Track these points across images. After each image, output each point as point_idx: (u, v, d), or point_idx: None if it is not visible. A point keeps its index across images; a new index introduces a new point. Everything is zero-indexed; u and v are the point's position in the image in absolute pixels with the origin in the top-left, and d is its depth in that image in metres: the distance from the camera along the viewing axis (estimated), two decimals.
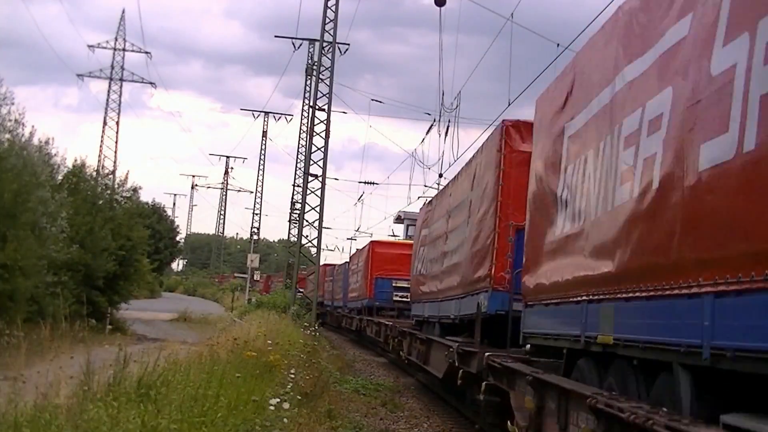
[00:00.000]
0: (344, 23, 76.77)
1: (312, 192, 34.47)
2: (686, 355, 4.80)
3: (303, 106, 53.33)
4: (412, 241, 30.04)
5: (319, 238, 34.14)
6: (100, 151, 72.01)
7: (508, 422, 8.50)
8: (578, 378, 7.16)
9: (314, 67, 41.07)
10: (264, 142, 75.09)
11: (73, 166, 26.23)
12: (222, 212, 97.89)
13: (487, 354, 9.75)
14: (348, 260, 41.50)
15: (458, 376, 11.58)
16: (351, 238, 65.54)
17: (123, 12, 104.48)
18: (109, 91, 75.26)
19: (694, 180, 4.79)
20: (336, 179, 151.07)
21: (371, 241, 31.99)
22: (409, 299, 27.66)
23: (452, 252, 15.33)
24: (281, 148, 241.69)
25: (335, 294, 44.19)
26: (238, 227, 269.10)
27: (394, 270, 28.75)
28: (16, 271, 17.21)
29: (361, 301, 32.14)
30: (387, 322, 23.81)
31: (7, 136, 18.91)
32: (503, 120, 12.30)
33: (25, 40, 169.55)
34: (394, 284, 28.98)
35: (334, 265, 49.50)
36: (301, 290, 42.42)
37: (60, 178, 24.03)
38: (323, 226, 34.35)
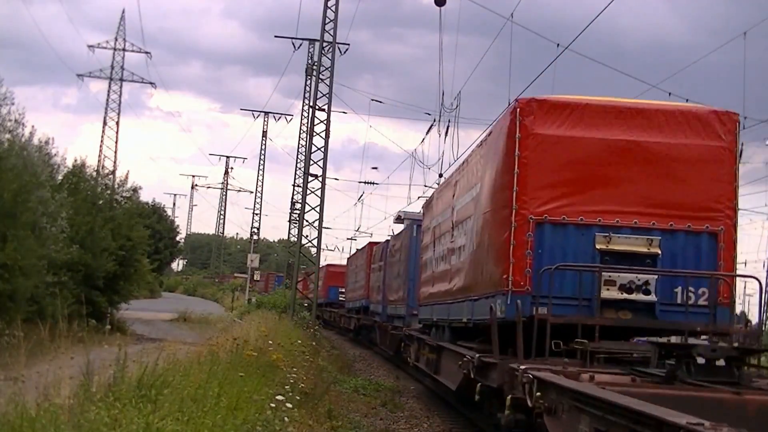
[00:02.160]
0: (344, 23, 76.72)
1: (312, 192, 34.46)
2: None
3: (303, 106, 53.34)
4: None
5: (319, 238, 34.14)
6: (100, 151, 72.03)
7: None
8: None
9: (314, 67, 41.07)
10: (264, 142, 75.13)
11: (73, 166, 26.23)
12: (222, 212, 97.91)
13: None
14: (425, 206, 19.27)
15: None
16: (351, 238, 65.39)
17: (123, 12, 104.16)
18: (109, 91, 75.26)
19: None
20: (336, 179, 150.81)
21: (519, 102, 10.32)
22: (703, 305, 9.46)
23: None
24: (281, 149, 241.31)
25: (390, 292, 24.99)
26: (238, 227, 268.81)
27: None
28: (16, 271, 17.20)
29: (462, 302, 12.41)
30: None
31: (7, 136, 18.91)
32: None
33: (25, 40, 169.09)
34: (599, 243, 9.74)
35: (386, 241, 28.73)
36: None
37: (60, 178, 24.02)
38: (323, 226, 34.36)
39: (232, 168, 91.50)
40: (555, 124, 10.05)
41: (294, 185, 51.18)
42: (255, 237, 73.31)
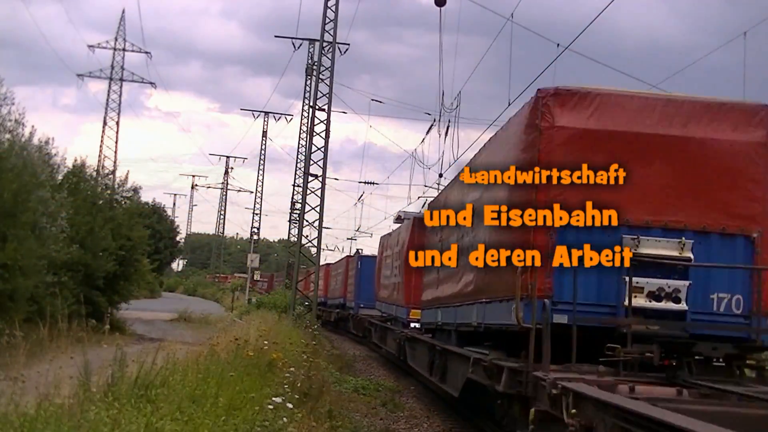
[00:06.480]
0: (344, 23, 76.70)
1: (312, 192, 34.46)
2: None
3: (303, 106, 53.35)
4: None
5: (319, 238, 34.13)
6: (100, 151, 71.92)
7: None
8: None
9: (314, 67, 41.06)
10: (264, 142, 75.08)
11: (73, 166, 26.20)
12: (222, 212, 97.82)
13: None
14: None
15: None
16: (351, 238, 65.37)
17: (123, 12, 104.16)
18: (108, 91, 75.14)
19: None
20: (336, 179, 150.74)
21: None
22: None
23: None
24: (281, 148, 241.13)
25: None
26: (238, 227, 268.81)
27: None
28: (16, 271, 17.19)
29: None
30: None
31: (7, 136, 18.89)
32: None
33: (24, 40, 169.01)
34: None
35: None
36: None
37: (60, 178, 24.00)
38: (323, 226, 34.35)
39: (232, 168, 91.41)
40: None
41: (294, 185, 51.23)
42: (255, 237, 73.28)
